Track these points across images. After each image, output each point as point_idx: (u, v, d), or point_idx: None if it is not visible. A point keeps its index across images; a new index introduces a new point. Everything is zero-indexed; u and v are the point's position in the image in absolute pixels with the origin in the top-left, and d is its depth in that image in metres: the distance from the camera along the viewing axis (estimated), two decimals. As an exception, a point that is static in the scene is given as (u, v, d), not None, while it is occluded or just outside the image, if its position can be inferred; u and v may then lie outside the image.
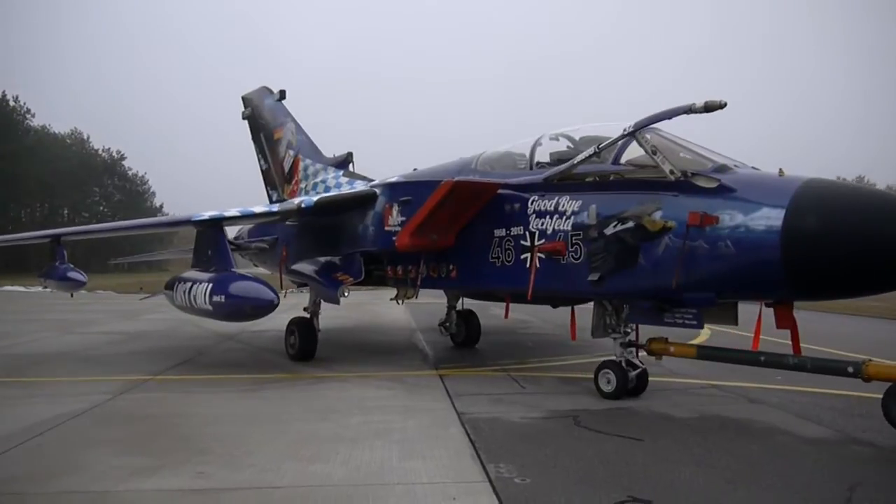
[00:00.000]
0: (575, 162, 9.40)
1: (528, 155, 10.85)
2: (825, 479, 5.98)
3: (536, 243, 9.64)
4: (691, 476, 6.04)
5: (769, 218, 7.36)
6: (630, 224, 8.41)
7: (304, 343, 12.95)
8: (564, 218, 9.33)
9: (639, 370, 9.46)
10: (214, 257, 12.15)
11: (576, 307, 11.19)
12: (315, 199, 12.81)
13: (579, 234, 9.07)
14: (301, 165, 17.69)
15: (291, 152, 18.03)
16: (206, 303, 11.01)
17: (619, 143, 9.07)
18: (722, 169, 8.26)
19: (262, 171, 19.28)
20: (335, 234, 12.89)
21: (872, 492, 5.67)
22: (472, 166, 11.52)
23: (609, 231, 8.60)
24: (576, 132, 10.70)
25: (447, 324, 15.45)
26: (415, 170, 13.17)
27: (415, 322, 20.54)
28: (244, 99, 19.46)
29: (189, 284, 11.63)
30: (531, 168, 10.67)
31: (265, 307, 10.54)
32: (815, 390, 9.74)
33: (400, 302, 13.71)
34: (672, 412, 8.65)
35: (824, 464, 6.50)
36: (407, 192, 11.52)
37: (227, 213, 12.59)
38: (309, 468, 6.25)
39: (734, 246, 7.57)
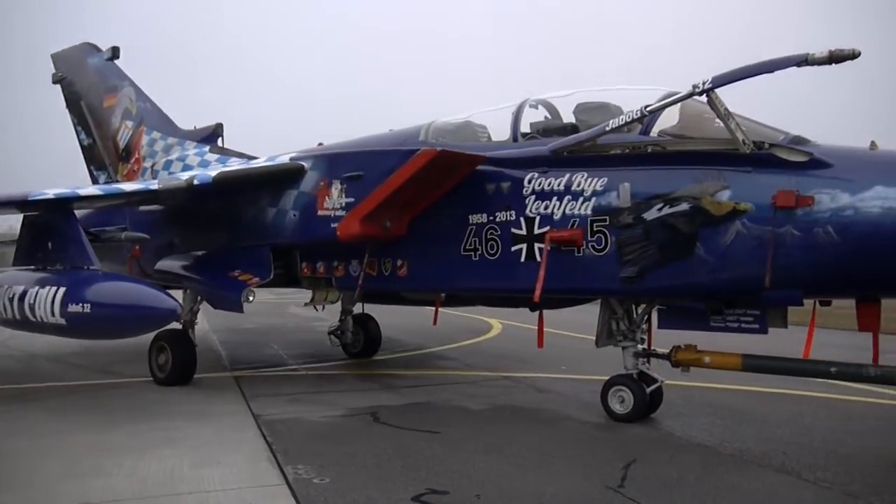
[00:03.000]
0: (607, 128, 7.33)
1: (510, 124, 8.70)
2: (605, 459, 6.43)
3: (538, 230, 7.78)
4: (486, 464, 6.27)
5: (886, 199, 6.04)
6: (683, 206, 6.87)
7: (180, 363, 10.22)
8: (581, 200, 7.51)
9: (656, 385, 8.07)
10: (63, 251, 9.43)
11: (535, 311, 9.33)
12: (213, 174, 10.07)
13: (604, 220, 7.35)
14: (145, 140, 14.63)
15: (130, 123, 15.00)
16: (55, 314, 8.49)
17: (668, 107, 7.25)
18: (800, 140, 6.79)
19: (82, 146, 16.05)
20: (230, 222, 10.45)
21: (645, 467, 6.17)
22: (420, 137, 9.46)
23: (651, 216, 7.05)
24: (566, 99, 8.78)
25: (339, 331, 13.24)
26: (319, 143, 11.24)
27: (208, 324, 19.65)
28: (54, 59, 16.26)
29: (18, 289, 9.11)
30: (515, 140, 8.62)
31: (158, 319, 8.18)
32: (598, 378, 10.50)
33: (320, 308, 11.80)
34: (467, 404, 8.92)
35: (604, 445, 7.00)
36: (357, 164, 9.04)
37: (83, 192, 9.92)
38: (89, 484, 5.75)
39: (837, 233, 6.17)
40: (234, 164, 12.09)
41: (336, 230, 8.90)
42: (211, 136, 13.94)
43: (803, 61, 6.19)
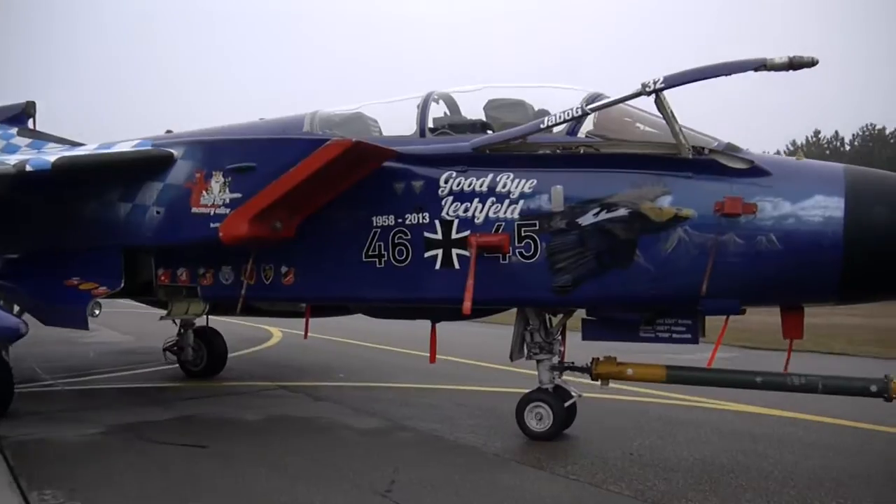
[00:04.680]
0: (542, 125, 6.83)
1: (416, 118, 7.91)
2: (375, 465, 6.52)
3: (457, 235, 7.16)
4: (255, 477, 6.13)
5: (826, 207, 6.01)
6: (622, 211, 6.54)
7: None
8: (507, 202, 6.95)
9: (572, 400, 7.65)
10: None
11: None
12: (52, 158, 8.29)
13: (533, 225, 6.84)
14: None
15: None
16: None
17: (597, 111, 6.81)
18: (734, 147, 6.60)
19: None
20: (68, 219, 8.92)
21: (413, 471, 6.35)
22: (305, 128, 8.48)
23: (587, 221, 6.65)
24: (473, 94, 8.18)
25: (177, 347, 11.70)
26: (167, 131, 9.87)
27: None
28: None
29: None
30: (422, 134, 7.85)
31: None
32: (375, 385, 10.71)
33: (178, 322, 10.76)
34: (241, 415, 8.69)
35: (376, 451, 7.10)
36: (247, 154, 7.83)
37: None
38: None
39: (780, 241, 6.10)
40: (58, 150, 10.36)
41: (218, 231, 7.64)
42: (20, 117, 11.91)
43: (761, 66, 5.96)
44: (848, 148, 72.74)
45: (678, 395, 9.51)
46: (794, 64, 5.81)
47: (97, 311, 8.54)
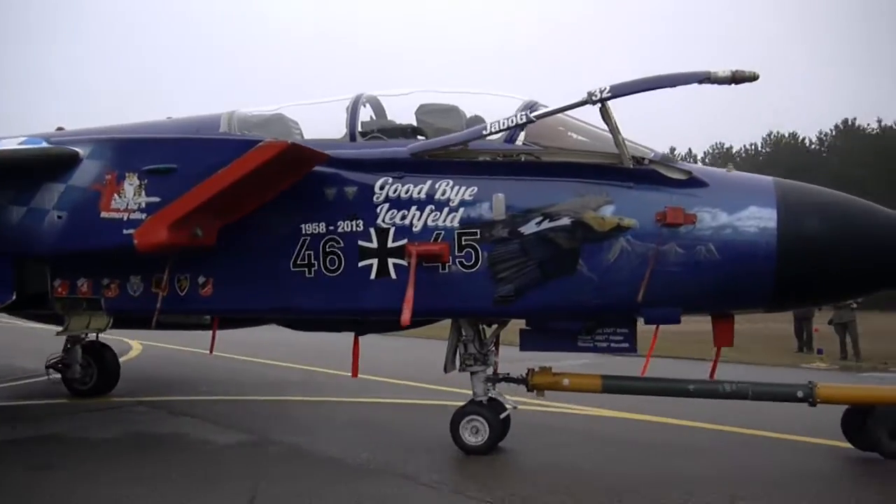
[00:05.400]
0: (485, 132, 6.76)
1: (346, 121, 7.63)
2: (235, 480, 6.36)
3: (393, 243, 6.93)
4: (105, 500, 5.86)
5: (760, 218, 6.30)
6: (565, 221, 6.53)
7: None
8: (447, 210, 6.81)
9: (506, 413, 7.43)
10: None
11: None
12: None
13: (474, 234, 6.74)
14: None
15: None
16: None
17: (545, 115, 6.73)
18: (670, 159, 6.81)
19: None
20: None
21: (276, 484, 6.24)
22: (222, 128, 7.97)
23: (529, 230, 6.61)
24: (401, 98, 7.95)
25: (62, 364, 10.62)
26: (58, 128, 8.98)
27: None
28: None
29: None
30: (353, 138, 7.57)
31: None
32: (237, 398, 10.46)
33: (85, 336, 9.85)
34: (94, 434, 8.26)
35: (237, 466, 6.93)
36: (166, 154, 7.22)
37: None
38: None
39: (718, 251, 6.30)
40: None
41: (132, 238, 7.01)
42: None
43: (705, 79, 6.14)
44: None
45: (549, 402, 9.84)
46: (737, 78, 6.05)
47: None
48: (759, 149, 75.36)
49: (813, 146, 72.15)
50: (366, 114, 7.93)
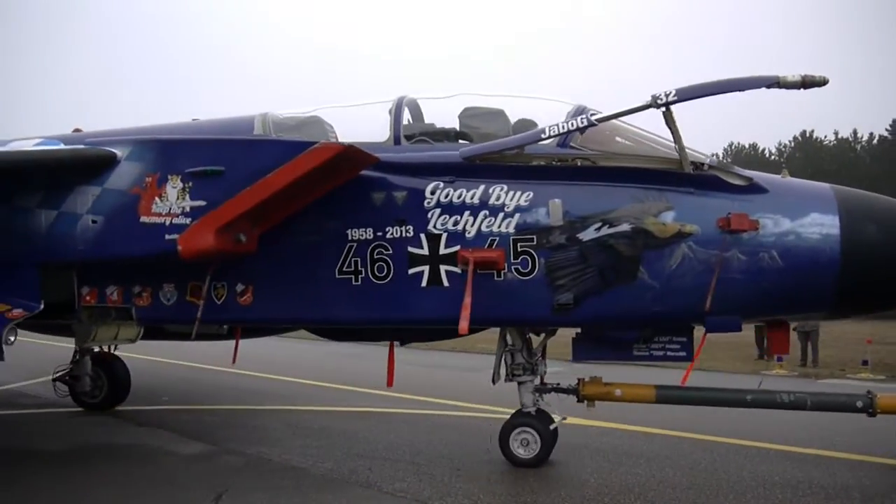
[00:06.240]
0: (543, 136, 6.58)
1: (390, 124, 7.36)
2: (196, 492, 6.29)
3: (445, 250, 6.71)
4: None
5: (823, 225, 6.22)
6: (625, 227, 6.39)
7: None
8: (502, 216, 6.60)
9: (556, 424, 7.27)
10: None
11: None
12: None
13: (531, 240, 6.55)
14: None
15: None
16: None
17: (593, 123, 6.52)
18: (727, 165, 6.73)
19: None
20: None
21: (238, 495, 6.18)
22: (256, 130, 7.67)
23: (588, 236, 6.44)
24: (442, 101, 7.65)
25: (71, 377, 10.04)
26: (75, 130, 8.60)
27: None
28: None
29: None
30: (397, 142, 7.31)
31: None
32: (199, 407, 10.33)
33: (112, 348, 9.48)
34: (49, 446, 8.08)
35: (197, 477, 6.84)
36: (213, 156, 6.76)
37: None
38: None
39: (781, 257, 6.22)
40: None
41: (176, 243, 6.62)
42: None
43: (774, 83, 5.97)
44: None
45: (507, 409, 9.87)
46: (806, 83, 5.91)
47: (12, 338, 7.12)
48: (721, 159, 76.11)
49: (772, 157, 73.47)
50: (404, 117, 7.69)
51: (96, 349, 10.14)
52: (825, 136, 71.66)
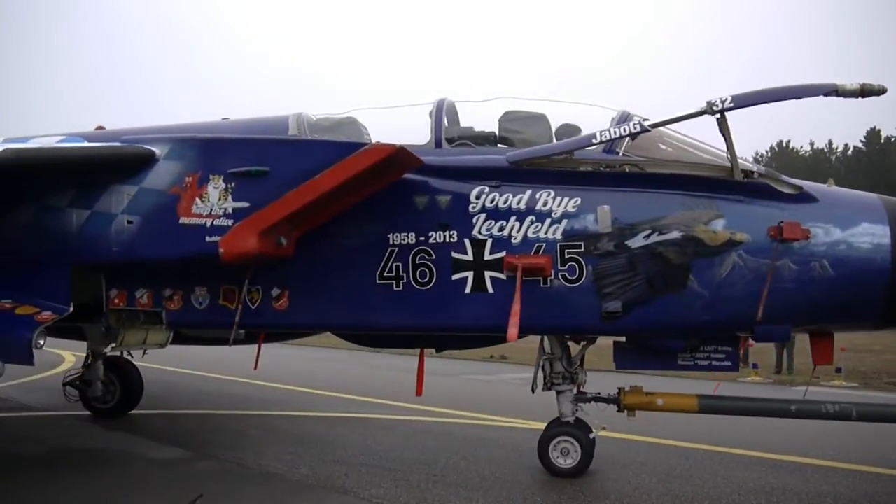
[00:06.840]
0: (595, 140, 6.48)
1: (432, 126, 7.19)
2: (171, 498, 6.21)
3: (490, 256, 6.57)
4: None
5: (874, 234, 6.17)
6: (675, 234, 6.30)
7: None
8: (549, 221, 6.48)
9: (595, 433, 7.14)
10: None
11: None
12: None
13: (578, 246, 6.43)
14: None
15: None
16: None
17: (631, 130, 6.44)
18: (776, 174, 6.65)
19: None
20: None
21: (209, 501, 6.09)
22: (291, 130, 7.48)
23: (637, 244, 6.34)
24: (480, 105, 7.59)
25: (82, 381, 9.76)
26: (97, 127, 8.39)
27: None
28: None
29: None
30: (438, 145, 7.12)
31: None
32: (174, 412, 10.22)
33: (141, 354, 9.39)
34: (21, 449, 7.99)
35: (172, 483, 6.76)
36: (257, 156, 6.59)
37: None
38: None
39: (832, 267, 6.14)
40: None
41: (218, 245, 6.40)
42: None
43: (832, 91, 5.96)
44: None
45: (482, 414, 9.90)
46: (865, 91, 5.90)
47: (42, 342, 6.80)
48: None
49: (747, 167, 73.99)
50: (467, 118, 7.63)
51: (108, 353, 9.88)
52: (801, 147, 72.73)
